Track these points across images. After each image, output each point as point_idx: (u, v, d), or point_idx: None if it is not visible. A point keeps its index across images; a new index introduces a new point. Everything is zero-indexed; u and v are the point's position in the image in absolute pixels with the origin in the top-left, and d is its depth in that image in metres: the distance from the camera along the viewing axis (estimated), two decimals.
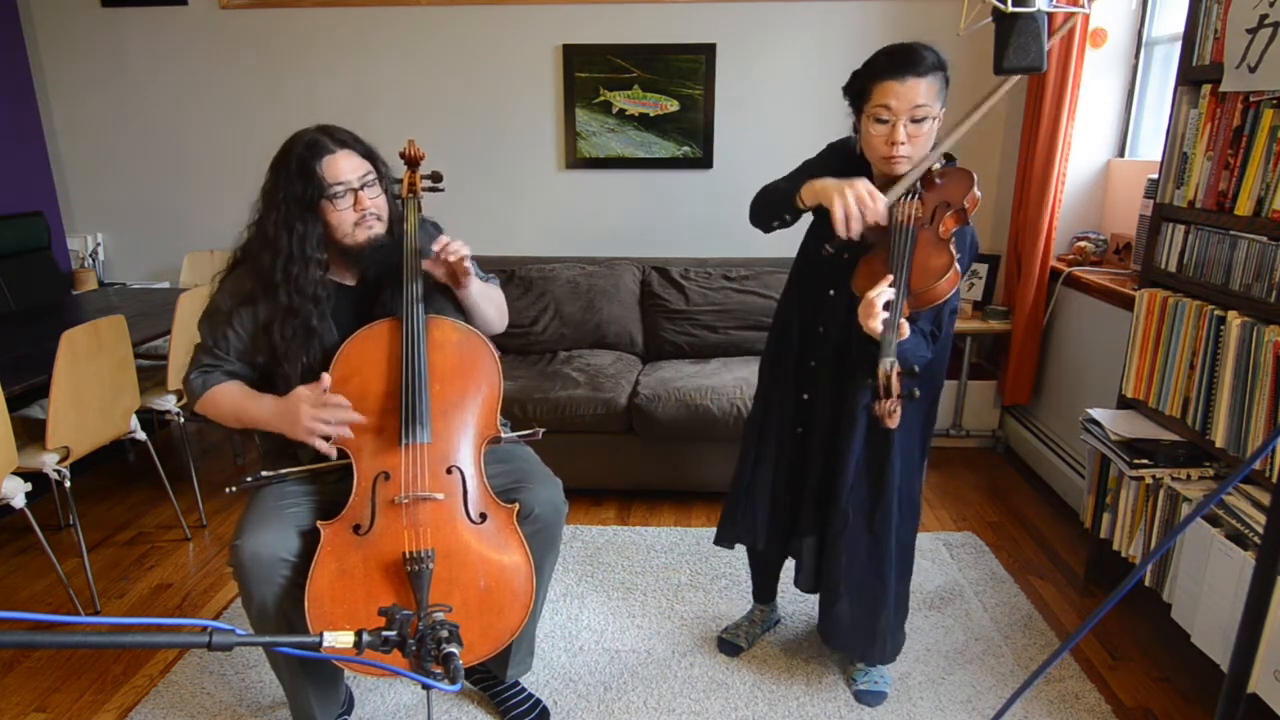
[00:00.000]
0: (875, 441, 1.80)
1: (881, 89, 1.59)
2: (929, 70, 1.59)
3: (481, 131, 3.70)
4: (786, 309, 1.94)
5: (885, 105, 1.59)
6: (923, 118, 1.60)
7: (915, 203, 1.61)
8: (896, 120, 1.59)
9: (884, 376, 1.47)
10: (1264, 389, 1.80)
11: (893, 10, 3.45)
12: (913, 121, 1.60)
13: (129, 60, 3.71)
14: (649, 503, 3.10)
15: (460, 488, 1.67)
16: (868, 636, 1.93)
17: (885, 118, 1.60)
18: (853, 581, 1.88)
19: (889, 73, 1.59)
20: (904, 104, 1.58)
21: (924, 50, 1.60)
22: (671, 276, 3.47)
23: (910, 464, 1.86)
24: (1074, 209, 3.22)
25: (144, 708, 2.01)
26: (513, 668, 1.93)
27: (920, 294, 1.55)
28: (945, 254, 1.56)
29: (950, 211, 1.60)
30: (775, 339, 1.97)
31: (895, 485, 1.82)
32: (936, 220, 1.60)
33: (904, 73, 1.57)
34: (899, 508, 1.84)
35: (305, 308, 1.66)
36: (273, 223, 1.64)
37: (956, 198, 1.60)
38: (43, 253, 3.68)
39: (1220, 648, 1.83)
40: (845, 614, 1.91)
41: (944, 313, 1.70)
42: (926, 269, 1.55)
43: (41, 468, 2.32)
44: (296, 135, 1.67)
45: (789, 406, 1.92)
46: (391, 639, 0.93)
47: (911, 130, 1.60)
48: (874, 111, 1.62)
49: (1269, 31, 1.81)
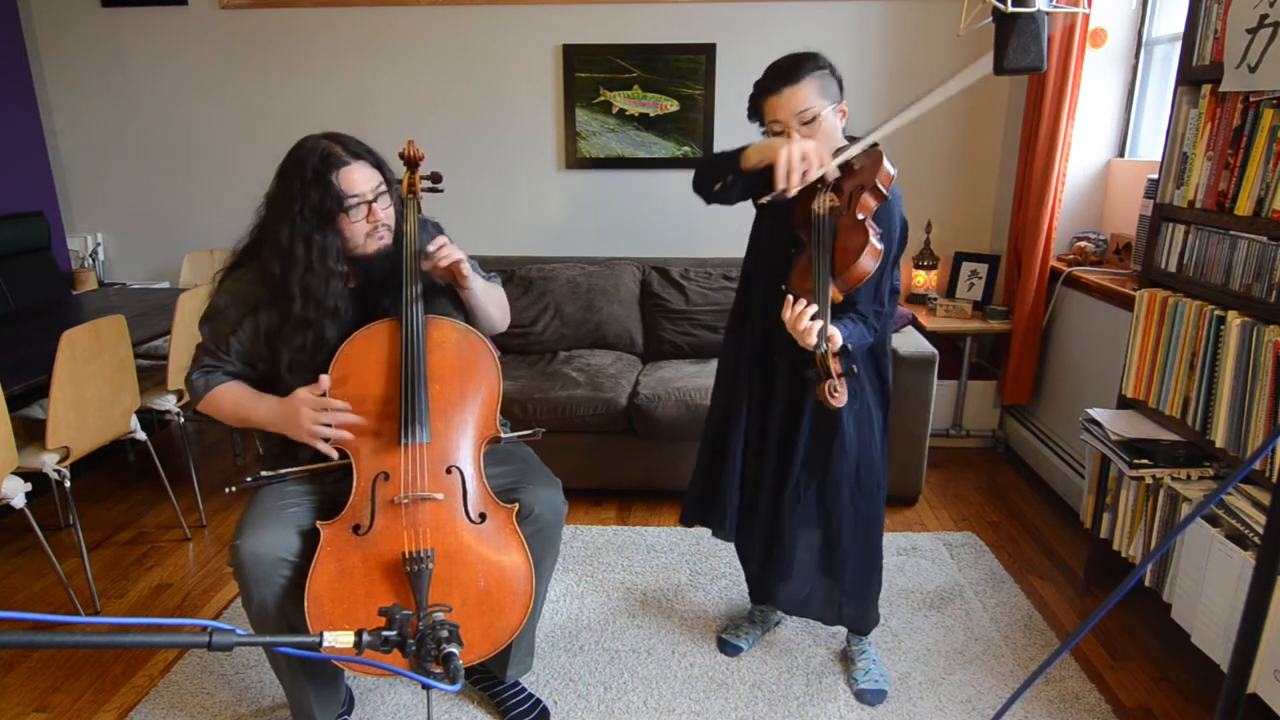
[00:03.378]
0: (823, 419, 1.87)
1: (769, 105, 1.72)
2: (804, 75, 1.69)
3: (481, 131, 3.69)
4: (744, 301, 1.99)
5: (775, 120, 1.72)
6: (810, 119, 1.69)
7: (829, 194, 1.72)
8: (789, 129, 1.70)
9: (819, 359, 1.58)
10: (1264, 389, 1.80)
11: (893, 10, 3.45)
12: (803, 124, 1.70)
13: (129, 60, 3.71)
14: (649, 503, 3.10)
15: (460, 488, 1.67)
16: (830, 603, 2.01)
17: (778, 130, 1.72)
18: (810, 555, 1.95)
19: (769, 90, 1.71)
20: (788, 113, 1.69)
21: (796, 58, 1.71)
22: (671, 276, 3.47)
23: (866, 439, 1.90)
24: (1074, 209, 3.22)
25: (144, 708, 2.01)
26: (513, 668, 1.93)
27: (844, 274, 1.65)
28: (862, 233, 1.66)
29: (865, 192, 1.69)
30: (735, 330, 2.02)
31: (850, 458, 1.88)
32: (854, 204, 1.69)
33: (780, 85, 1.69)
34: (854, 479, 1.90)
35: (322, 321, 1.65)
36: (287, 234, 1.61)
37: (869, 178, 1.69)
38: (43, 253, 3.68)
39: (1220, 648, 1.83)
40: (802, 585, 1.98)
41: (882, 290, 1.79)
42: (846, 250, 1.66)
43: (41, 468, 2.32)
44: (307, 144, 1.64)
45: (747, 393, 1.97)
46: (391, 639, 0.93)
47: (806, 132, 1.69)
48: (769, 126, 1.74)
49: (1269, 31, 1.81)
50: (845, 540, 1.92)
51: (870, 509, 1.95)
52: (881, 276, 1.74)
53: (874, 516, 1.96)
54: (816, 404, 1.85)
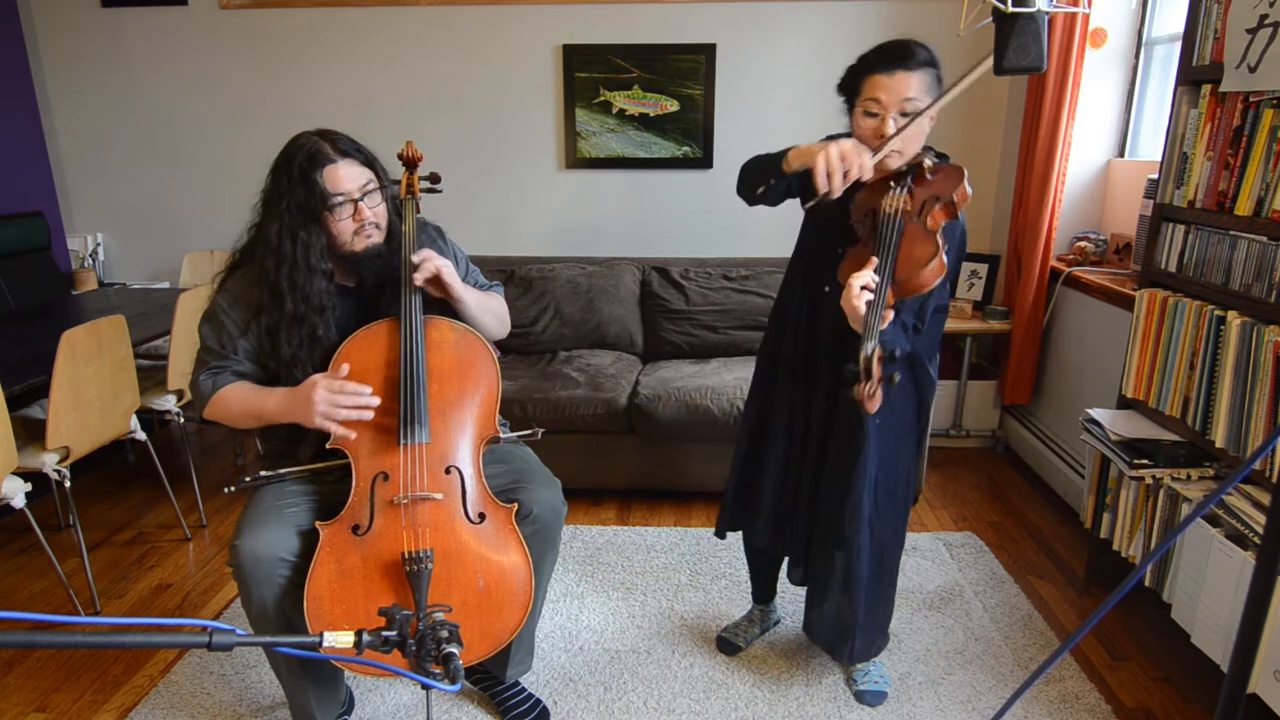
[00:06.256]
0: (851, 432, 1.79)
1: (871, 83, 1.62)
2: (919, 65, 1.60)
3: (481, 131, 3.69)
4: (785, 304, 1.93)
5: (875, 99, 1.61)
6: (913, 110, 1.60)
7: (905, 196, 1.64)
8: (886, 113, 1.61)
9: (864, 360, 1.49)
10: (1264, 389, 1.80)
11: (893, 10, 3.45)
12: (902, 115, 1.61)
13: (129, 60, 3.71)
14: (649, 503, 3.10)
15: (459, 488, 1.67)
16: (839, 634, 1.93)
17: (875, 111, 1.62)
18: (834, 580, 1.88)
19: (879, 67, 1.61)
20: (893, 97, 1.59)
21: (915, 46, 1.62)
22: (671, 276, 3.47)
23: (892, 462, 1.83)
24: (1074, 209, 3.22)
25: (144, 708, 2.01)
26: (512, 668, 1.93)
27: (904, 282, 1.58)
28: (931, 244, 1.58)
29: (939, 205, 1.62)
30: (774, 334, 1.97)
31: (869, 480, 1.78)
32: (925, 213, 1.62)
33: (893, 67, 1.59)
34: (873, 504, 1.81)
35: (311, 317, 1.65)
36: (276, 230, 1.62)
37: (946, 191, 1.62)
38: (43, 253, 3.69)
39: (1220, 648, 1.83)
40: (827, 613, 1.92)
41: (928, 307, 1.71)
42: (911, 257, 1.58)
43: (41, 468, 2.32)
44: (297, 140, 1.65)
45: (789, 401, 1.92)
46: (391, 639, 0.93)
47: (903, 123, 1.60)
48: (864, 105, 1.64)
49: (1269, 31, 1.81)
50: (860, 565, 1.82)
51: (889, 533, 1.86)
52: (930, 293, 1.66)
53: (891, 543, 1.88)
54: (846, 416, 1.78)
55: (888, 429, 1.79)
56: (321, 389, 1.58)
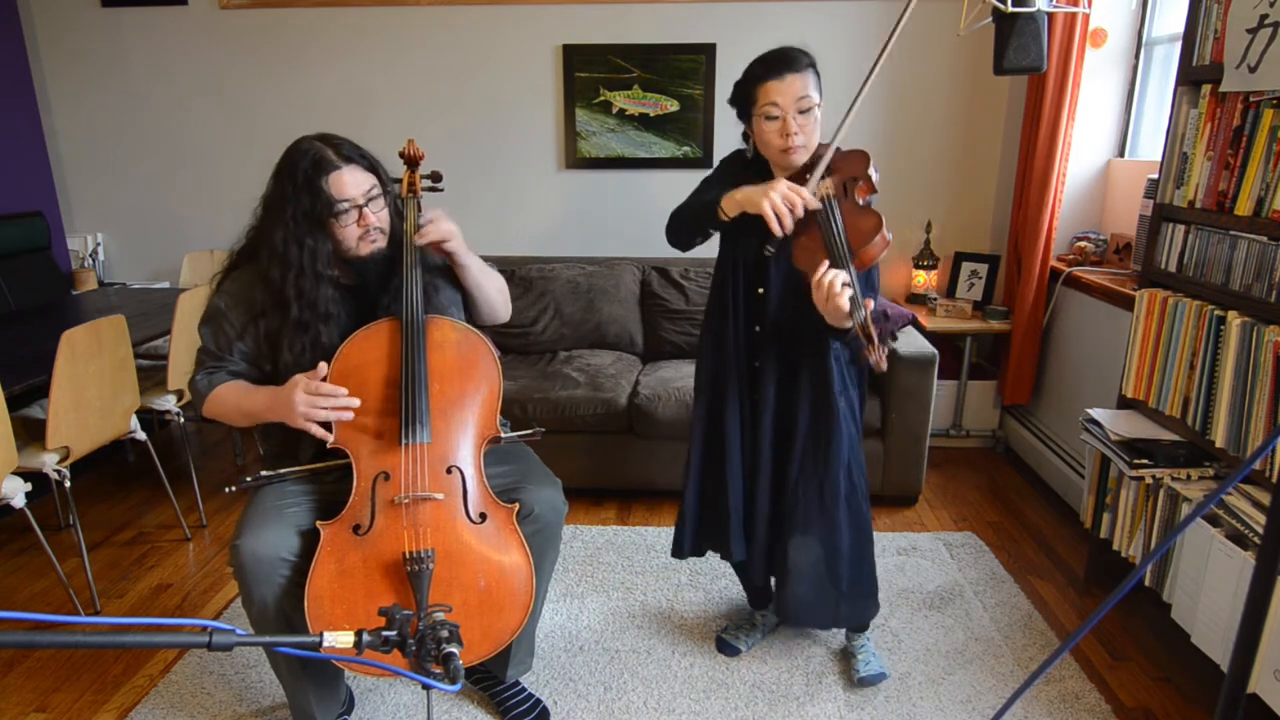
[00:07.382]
0: (820, 420, 1.88)
1: (765, 89, 1.74)
2: (804, 68, 1.74)
3: (481, 131, 3.69)
4: (717, 314, 1.99)
5: (773, 103, 1.73)
6: (808, 108, 1.74)
7: (826, 182, 1.75)
8: (785, 114, 1.73)
9: (860, 328, 1.59)
10: (1264, 389, 1.80)
11: (892, 10, 3.45)
12: (800, 113, 1.73)
13: (129, 60, 3.71)
14: (649, 503, 3.10)
15: (460, 488, 1.67)
16: (826, 607, 1.98)
17: (775, 114, 1.74)
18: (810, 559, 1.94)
19: (769, 75, 1.73)
20: (788, 98, 1.72)
21: (794, 51, 1.76)
22: (671, 276, 3.47)
23: (853, 436, 1.93)
24: (1074, 209, 3.22)
25: (144, 708, 2.01)
26: (513, 668, 1.93)
27: (861, 253, 1.68)
28: (872, 215, 1.69)
29: (859, 183, 1.73)
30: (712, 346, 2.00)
31: (843, 457, 1.89)
32: (850, 192, 1.74)
33: (782, 72, 1.73)
34: (847, 477, 1.91)
35: (316, 325, 1.66)
36: (281, 237, 1.61)
37: (860, 170, 1.74)
38: (43, 253, 3.68)
39: (1220, 648, 1.83)
40: (804, 592, 1.96)
41: (874, 275, 1.84)
42: (860, 230, 1.69)
43: (41, 468, 2.32)
44: (299, 146, 1.64)
45: (736, 408, 1.96)
46: (391, 639, 0.93)
47: (801, 121, 1.74)
48: (764, 110, 1.75)
49: (1269, 31, 1.81)
50: (842, 541, 1.92)
51: (863, 505, 1.97)
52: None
53: (865, 513, 1.98)
54: (811, 406, 1.89)
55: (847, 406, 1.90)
56: (300, 389, 1.58)
